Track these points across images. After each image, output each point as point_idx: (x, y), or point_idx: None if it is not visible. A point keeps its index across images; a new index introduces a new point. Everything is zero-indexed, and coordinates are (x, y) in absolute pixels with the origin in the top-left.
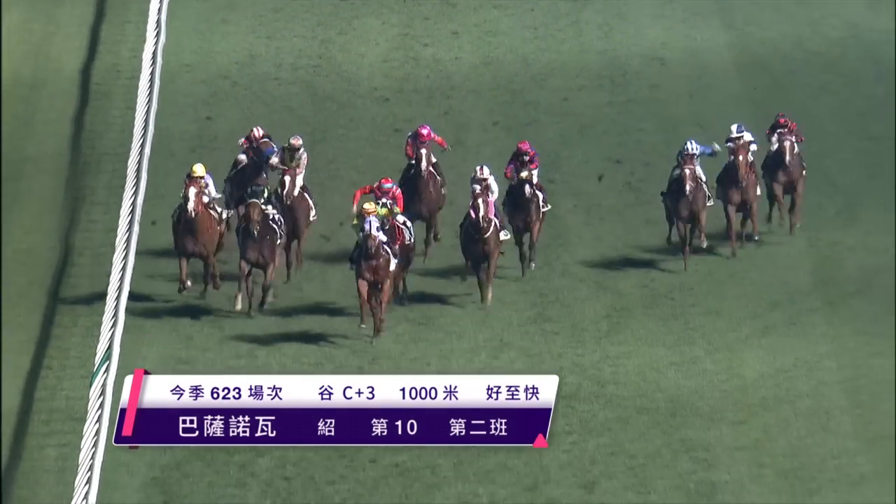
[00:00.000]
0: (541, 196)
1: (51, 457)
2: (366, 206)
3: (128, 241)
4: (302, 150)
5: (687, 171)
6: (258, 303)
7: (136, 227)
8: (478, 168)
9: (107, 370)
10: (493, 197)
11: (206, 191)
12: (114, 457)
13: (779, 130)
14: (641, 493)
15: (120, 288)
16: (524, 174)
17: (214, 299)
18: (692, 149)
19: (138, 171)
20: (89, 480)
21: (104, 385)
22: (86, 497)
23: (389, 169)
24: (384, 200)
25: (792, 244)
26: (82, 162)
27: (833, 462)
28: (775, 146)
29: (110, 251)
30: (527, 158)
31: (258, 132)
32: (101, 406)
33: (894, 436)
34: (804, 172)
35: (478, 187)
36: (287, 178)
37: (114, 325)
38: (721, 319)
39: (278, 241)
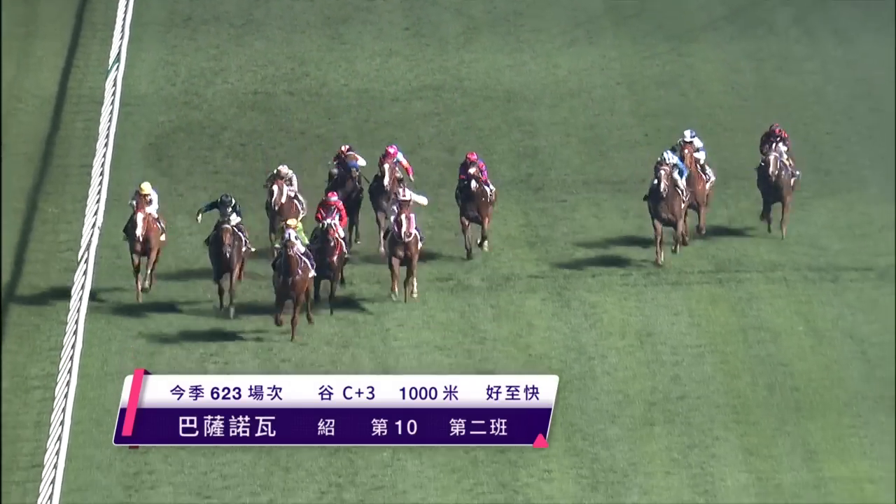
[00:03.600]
0: (489, 190)
1: (80, 134)
2: (289, 221)
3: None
4: (291, 173)
5: (662, 172)
6: (230, 301)
7: (132, 2)
8: (399, 190)
9: (117, 69)
10: (424, 201)
11: (152, 204)
12: (121, 142)
13: (771, 139)
14: (486, 155)
15: (122, 30)
16: (472, 170)
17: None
18: (669, 158)
19: None
20: (105, 155)
21: (115, 80)
22: (101, 169)
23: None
24: (295, 222)
25: None
26: None
27: (617, 132)
28: (765, 155)
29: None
30: (477, 166)
31: (344, 147)
32: (114, 95)
33: (661, 113)
34: (794, 180)
35: (396, 207)
36: (275, 188)
37: (122, 40)
38: (542, 34)
39: (244, 249)
